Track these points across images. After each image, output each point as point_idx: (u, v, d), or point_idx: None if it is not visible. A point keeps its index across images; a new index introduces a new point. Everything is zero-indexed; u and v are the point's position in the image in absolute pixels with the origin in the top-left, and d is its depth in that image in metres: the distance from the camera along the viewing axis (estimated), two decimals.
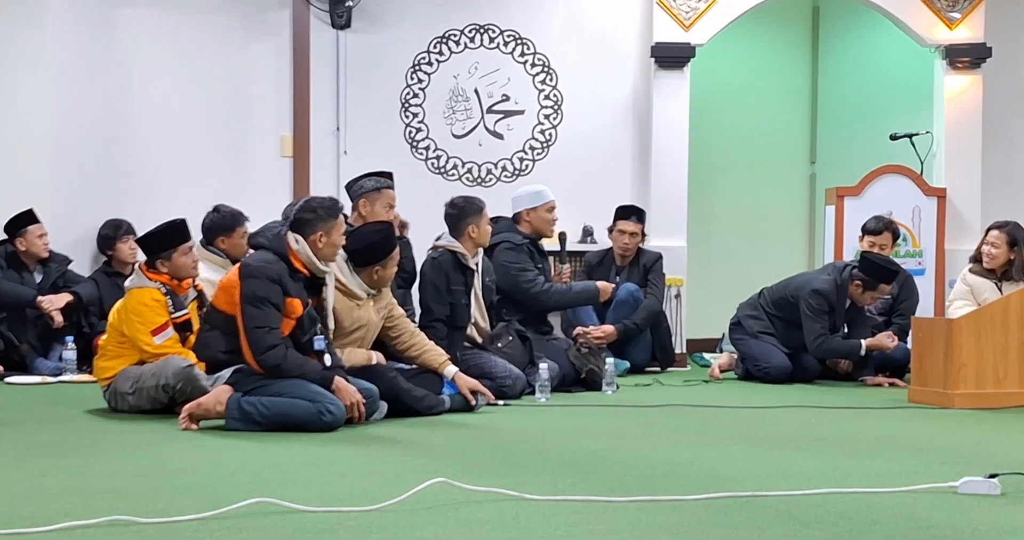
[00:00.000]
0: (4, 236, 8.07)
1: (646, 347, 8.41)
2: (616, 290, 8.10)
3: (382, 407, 5.64)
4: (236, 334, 5.34)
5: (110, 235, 8.32)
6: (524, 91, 9.33)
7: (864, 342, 7.56)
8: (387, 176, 6.80)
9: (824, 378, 7.78)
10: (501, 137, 9.32)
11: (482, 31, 9.30)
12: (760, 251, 10.47)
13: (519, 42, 9.33)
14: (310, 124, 9.04)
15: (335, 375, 5.39)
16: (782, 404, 6.48)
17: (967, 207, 9.12)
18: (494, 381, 6.47)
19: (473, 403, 6.02)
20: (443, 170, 9.25)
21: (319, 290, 5.59)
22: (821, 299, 7.57)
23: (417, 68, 9.24)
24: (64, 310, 7.84)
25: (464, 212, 6.83)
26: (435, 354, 6.14)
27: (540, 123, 9.33)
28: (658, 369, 8.48)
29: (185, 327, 5.96)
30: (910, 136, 9.18)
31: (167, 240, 5.96)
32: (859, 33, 10.32)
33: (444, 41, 9.27)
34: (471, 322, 6.82)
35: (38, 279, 8.09)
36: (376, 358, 5.98)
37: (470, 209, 6.83)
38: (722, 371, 8.06)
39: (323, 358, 5.42)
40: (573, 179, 9.11)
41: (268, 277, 5.30)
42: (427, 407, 5.81)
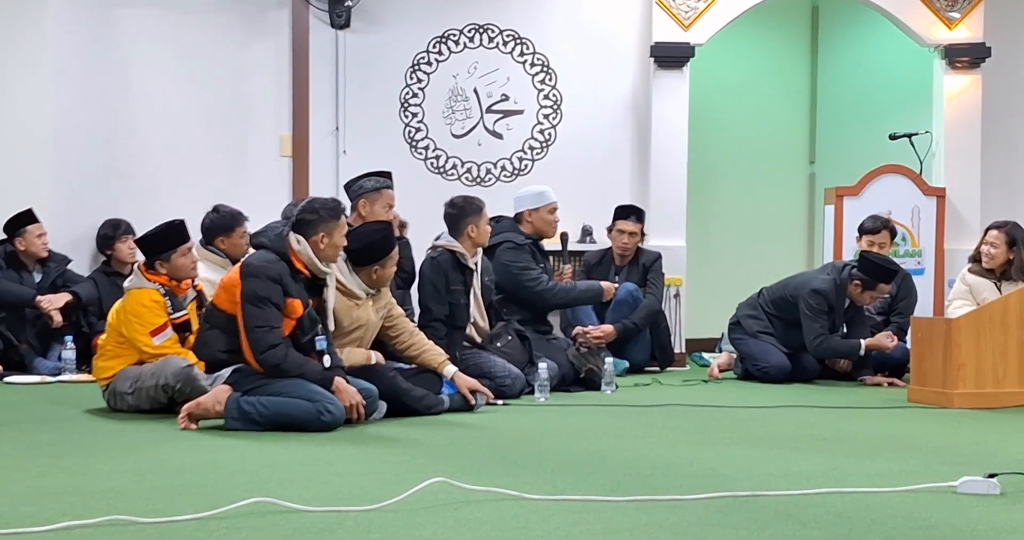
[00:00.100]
0: (3, 236, 8.07)
1: (645, 347, 8.41)
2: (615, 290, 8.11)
3: (381, 407, 5.64)
4: (236, 333, 5.34)
5: (109, 235, 8.32)
6: (523, 91, 9.32)
7: (863, 342, 7.56)
8: (386, 176, 6.80)
9: (823, 378, 7.78)
10: (500, 137, 9.31)
11: (481, 31, 9.30)
12: (759, 251, 10.46)
13: (518, 42, 9.32)
14: (309, 124, 9.03)
15: (335, 375, 5.39)
16: (781, 404, 6.48)
17: (966, 207, 9.11)
18: (493, 381, 6.47)
19: (472, 403, 6.02)
20: (442, 170, 9.25)
21: (320, 291, 5.59)
22: (820, 299, 7.57)
23: (416, 68, 9.23)
24: (63, 310, 7.84)
25: (463, 212, 6.82)
26: (434, 354, 6.14)
27: (539, 123, 9.33)
28: (657, 369, 8.48)
29: (184, 327, 5.96)
30: (909, 136, 9.18)
31: (166, 241, 5.96)
32: (858, 33, 10.32)
33: (443, 41, 9.26)
34: (470, 322, 6.81)
35: (37, 279, 8.09)
36: (375, 358, 5.98)
37: (469, 209, 6.83)
38: (721, 371, 8.06)
39: (323, 358, 5.43)
40: (572, 179, 9.09)
41: (269, 277, 5.30)
42: (426, 407, 5.82)
